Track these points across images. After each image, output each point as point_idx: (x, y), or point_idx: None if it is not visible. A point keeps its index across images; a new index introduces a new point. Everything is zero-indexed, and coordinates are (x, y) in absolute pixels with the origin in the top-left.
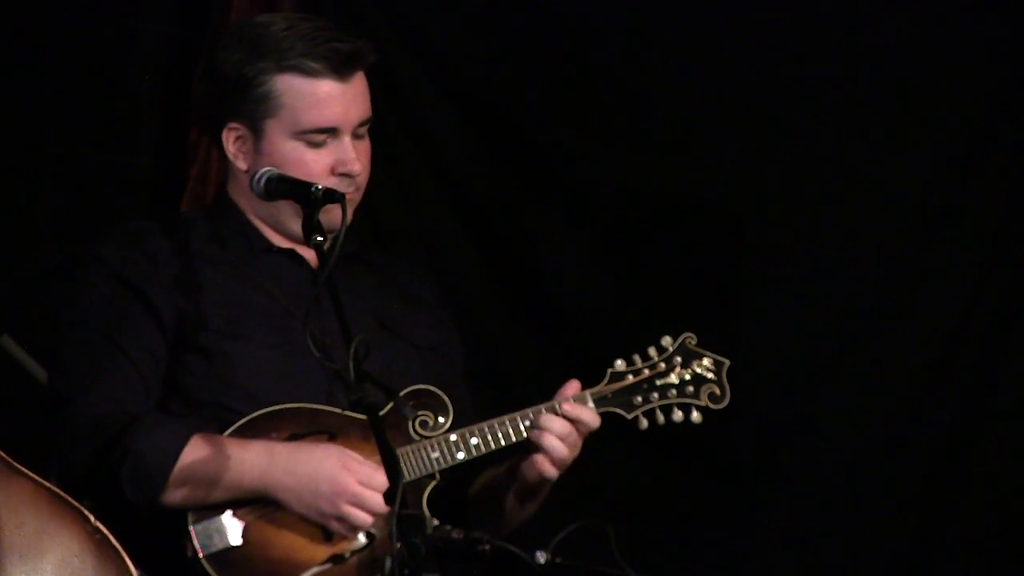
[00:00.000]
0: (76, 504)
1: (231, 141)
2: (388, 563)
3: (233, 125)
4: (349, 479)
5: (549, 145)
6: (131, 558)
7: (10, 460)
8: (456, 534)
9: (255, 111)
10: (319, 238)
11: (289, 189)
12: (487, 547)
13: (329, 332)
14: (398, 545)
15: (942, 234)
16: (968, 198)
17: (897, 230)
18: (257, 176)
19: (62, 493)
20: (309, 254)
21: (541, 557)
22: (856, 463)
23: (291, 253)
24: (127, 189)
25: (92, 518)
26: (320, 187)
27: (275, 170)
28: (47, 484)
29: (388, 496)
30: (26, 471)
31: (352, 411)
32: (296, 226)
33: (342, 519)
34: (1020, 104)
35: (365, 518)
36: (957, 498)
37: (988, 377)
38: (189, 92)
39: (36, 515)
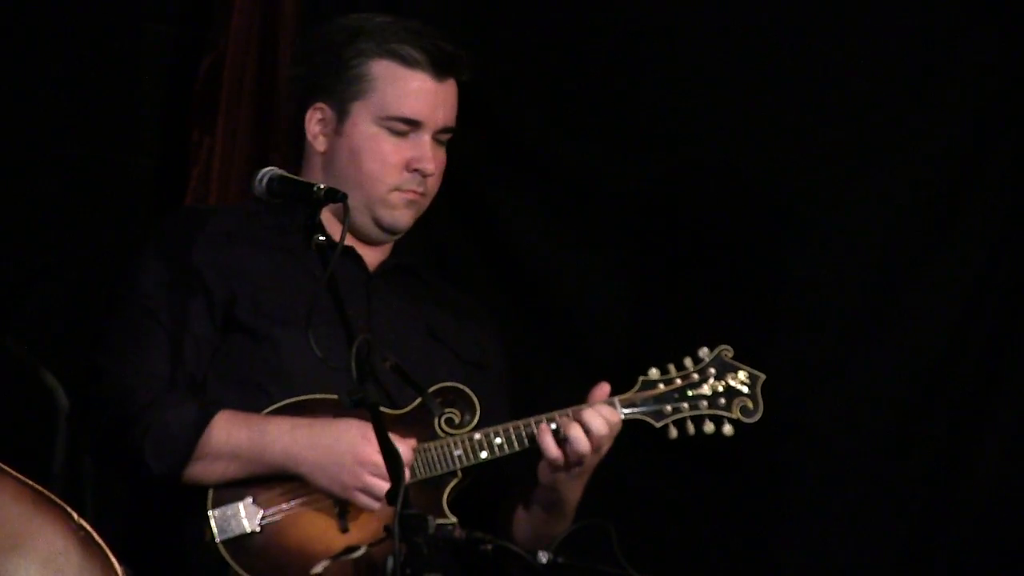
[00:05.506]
0: (59, 502)
1: (314, 121)
2: (389, 563)
3: (319, 105)
4: (369, 450)
5: (572, 149)
6: (127, 559)
7: None
8: (458, 534)
9: (346, 91)
10: (320, 238)
11: (291, 189)
12: (489, 547)
13: (372, 333)
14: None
15: (943, 234)
16: (971, 198)
17: (898, 229)
18: (259, 176)
19: (46, 491)
20: (368, 254)
21: (543, 557)
22: (860, 463)
23: (350, 252)
24: (129, 189)
25: (75, 515)
26: (322, 187)
27: (277, 170)
28: (31, 483)
29: (390, 496)
30: (9, 470)
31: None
32: (361, 221)
33: (365, 490)
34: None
35: (387, 488)
36: (960, 498)
37: (991, 377)
38: (191, 92)
39: (20, 513)
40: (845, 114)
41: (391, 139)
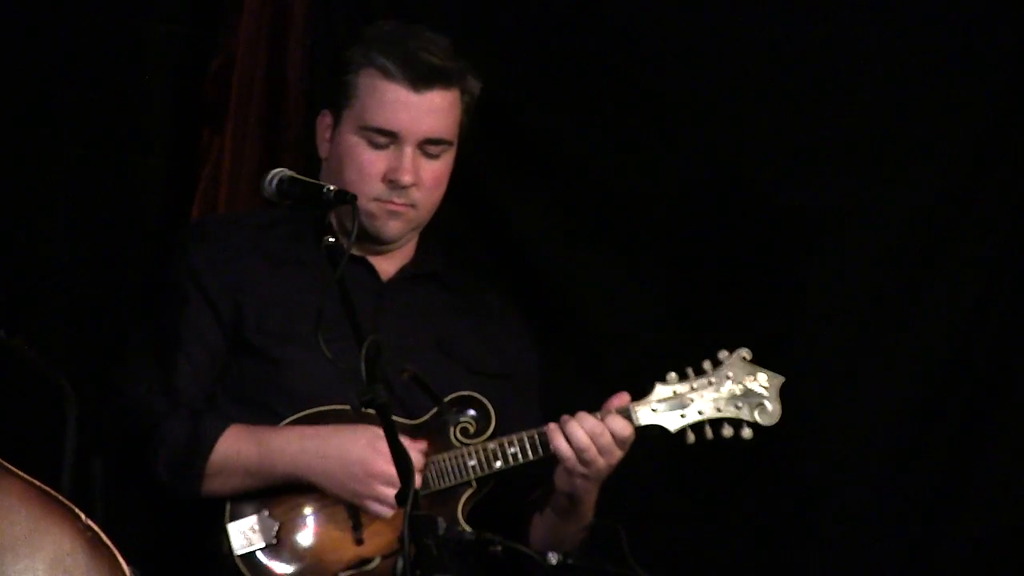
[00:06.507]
0: (67, 502)
1: (322, 127)
2: (399, 563)
3: (325, 111)
4: (380, 461)
5: (583, 153)
6: (136, 561)
7: (0, 460)
8: (468, 535)
9: (339, 99)
10: (331, 239)
11: (301, 190)
12: (499, 548)
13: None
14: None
15: (950, 243)
16: (978, 206)
17: (907, 238)
18: (268, 177)
19: (53, 492)
20: (380, 263)
21: (553, 558)
22: (869, 468)
23: (363, 261)
24: (139, 189)
25: (83, 516)
26: (331, 188)
27: (287, 171)
28: (38, 484)
29: (400, 497)
30: (16, 471)
31: (364, 410)
32: (360, 231)
33: (378, 499)
34: None
35: None
36: (968, 504)
37: (998, 384)
38: (200, 92)
39: (28, 514)
40: (859, 123)
41: (369, 150)
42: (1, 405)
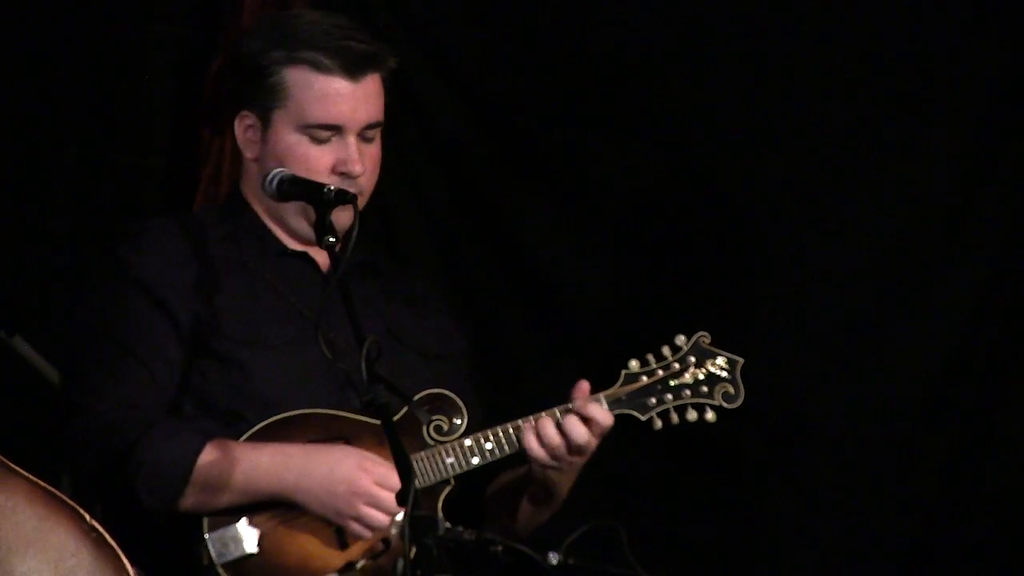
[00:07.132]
0: (72, 503)
1: (242, 129)
2: (399, 564)
3: (245, 113)
4: (366, 480)
5: (562, 146)
6: (139, 562)
7: (6, 461)
8: (468, 535)
9: (266, 100)
10: (331, 239)
11: (301, 190)
12: (499, 548)
13: (342, 336)
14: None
15: (954, 234)
16: (978, 201)
17: (909, 229)
18: (269, 177)
19: (58, 493)
20: (322, 257)
21: (553, 558)
22: (867, 463)
23: (304, 256)
24: (139, 190)
25: (87, 517)
26: (332, 188)
27: (287, 171)
28: (43, 484)
29: (400, 497)
30: (22, 471)
31: (364, 412)
32: (301, 226)
33: (359, 519)
34: None
35: (382, 518)
36: (967, 503)
37: (999, 381)
38: (201, 93)
39: (33, 514)
40: (860, 111)
41: (314, 146)
42: (1, 405)
